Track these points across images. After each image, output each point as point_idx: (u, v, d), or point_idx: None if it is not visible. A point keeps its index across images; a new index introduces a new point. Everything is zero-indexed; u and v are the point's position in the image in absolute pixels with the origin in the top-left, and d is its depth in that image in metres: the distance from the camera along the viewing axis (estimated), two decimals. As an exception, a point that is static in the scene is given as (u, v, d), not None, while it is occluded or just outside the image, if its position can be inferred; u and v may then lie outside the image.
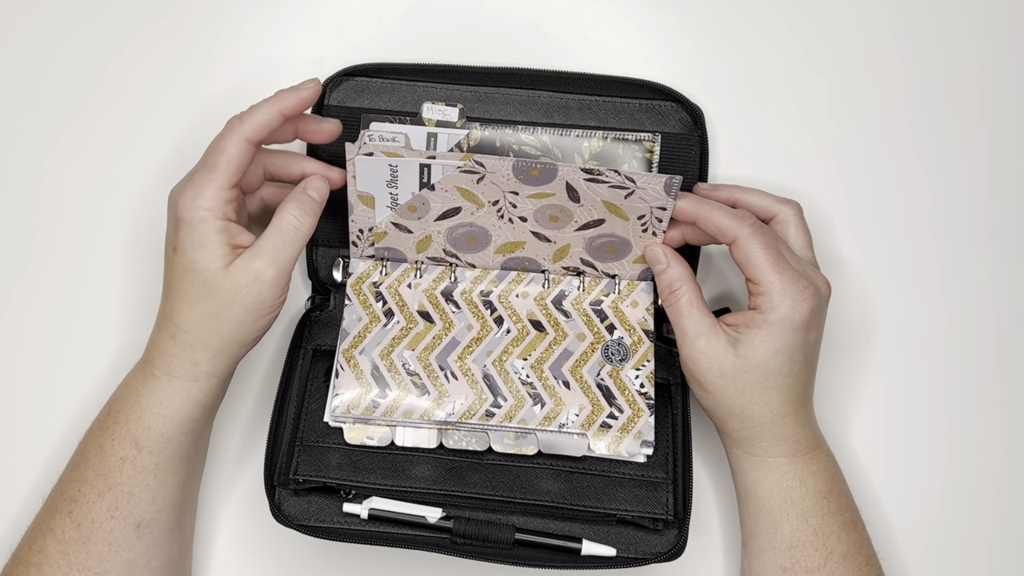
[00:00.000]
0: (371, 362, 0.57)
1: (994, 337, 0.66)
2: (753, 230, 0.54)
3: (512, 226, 0.58)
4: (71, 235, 0.66)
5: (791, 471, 0.56)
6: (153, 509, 0.55)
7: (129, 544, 0.54)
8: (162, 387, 0.55)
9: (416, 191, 0.56)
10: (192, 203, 0.52)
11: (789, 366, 0.54)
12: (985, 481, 0.65)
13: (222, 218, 0.53)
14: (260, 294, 0.53)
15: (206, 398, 0.56)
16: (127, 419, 0.55)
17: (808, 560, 0.55)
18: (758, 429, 0.55)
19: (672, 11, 0.67)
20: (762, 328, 0.53)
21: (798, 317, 0.53)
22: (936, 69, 0.67)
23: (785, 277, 0.53)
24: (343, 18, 0.66)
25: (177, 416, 0.55)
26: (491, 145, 0.59)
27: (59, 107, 0.66)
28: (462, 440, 0.57)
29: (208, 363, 0.55)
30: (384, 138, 0.57)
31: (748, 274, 0.54)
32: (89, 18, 0.67)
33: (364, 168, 0.54)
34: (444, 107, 0.57)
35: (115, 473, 0.54)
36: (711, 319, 0.55)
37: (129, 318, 0.65)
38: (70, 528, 0.54)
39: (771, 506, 0.56)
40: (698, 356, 0.55)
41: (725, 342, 0.54)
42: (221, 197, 0.52)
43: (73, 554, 0.54)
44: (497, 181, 0.54)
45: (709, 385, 0.55)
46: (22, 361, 0.65)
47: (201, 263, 0.52)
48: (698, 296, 0.56)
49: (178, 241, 0.53)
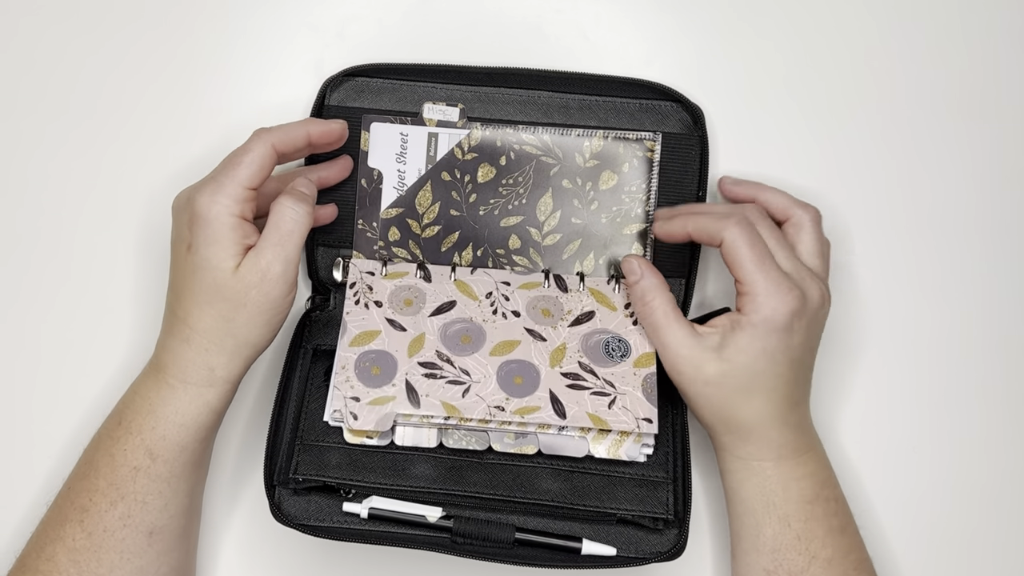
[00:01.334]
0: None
1: (994, 335, 0.66)
2: (740, 229, 0.54)
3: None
4: (75, 239, 0.66)
5: (774, 475, 0.56)
6: (165, 516, 0.55)
7: (141, 551, 0.54)
8: (177, 396, 0.54)
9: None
10: (211, 199, 0.52)
11: (773, 368, 0.54)
12: (986, 481, 0.65)
13: (238, 216, 0.53)
14: (269, 293, 0.53)
15: (220, 404, 0.56)
16: (140, 429, 0.54)
17: (791, 564, 0.55)
18: (743, 433, 0.55)
19: (672, 11, 0.67)
20: (746, 329, 0.53)
21: (780, 318, 0.53)
22: (936, 68, 0.67)
23: (769, 277, 0.53)
24: (343, 18, 0.66)
25: (193, 425, 0.55)
26: (492, 144, 0.59)
27: (63, 111, 0.66)
28: (462, 440, 0.57)
29: (224, 367, 0.54)
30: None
31: (734, 274, 0.54)
32: (91, 20, 0.67)
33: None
34: (445, 107, 0.58)
35: (128, 483, 0.54)
36: (689, 327, 0.55)
37: (134, 324, 0.65)
38: (81, 537, 0.54)
39: (753, 509, 0.56)
40: (682, 366, 0.54)
41: (707, 347, 0.54)
42: (240, 195, 0.53)
43: (84, 562, 0.53)
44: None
45: (695, 394, 0.55)
46: (26, 366, 0.65)
47: (213, 260, 0.52)
48: (673, 306, 0.56)
49: (192, 238, 0.53)
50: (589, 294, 0.60)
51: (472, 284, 0.60)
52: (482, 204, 0.58)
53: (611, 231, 0.59)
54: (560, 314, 0.59)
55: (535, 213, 0.59)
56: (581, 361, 0.58)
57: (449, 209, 0.58)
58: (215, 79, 0.66)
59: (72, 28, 0.67)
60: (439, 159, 0.58)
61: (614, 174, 0.57)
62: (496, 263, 0.61)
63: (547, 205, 0.58)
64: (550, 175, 0.57)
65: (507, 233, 0.59)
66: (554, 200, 0.58)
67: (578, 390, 0.57)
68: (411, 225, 0.59)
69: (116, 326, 0.65)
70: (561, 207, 0.58)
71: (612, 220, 0.58)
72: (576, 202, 0.58)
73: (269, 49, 0.66)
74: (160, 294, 0.57)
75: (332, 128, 0.57)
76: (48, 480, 0.62)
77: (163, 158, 0.66)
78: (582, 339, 0.58)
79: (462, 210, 0.58)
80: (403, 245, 0.60)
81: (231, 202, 0.52)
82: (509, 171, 0.58)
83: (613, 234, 0.59)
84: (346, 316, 0.58)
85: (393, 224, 0.59)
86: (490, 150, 0.57)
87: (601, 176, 0.57)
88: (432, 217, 0.59)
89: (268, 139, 0.54)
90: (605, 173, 0.57)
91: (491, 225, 0.59)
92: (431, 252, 0.61)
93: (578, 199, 0.58)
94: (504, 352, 0.58)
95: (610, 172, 0.57)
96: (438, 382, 0.56)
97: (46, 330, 0.65)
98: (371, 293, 0.59)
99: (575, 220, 0.58)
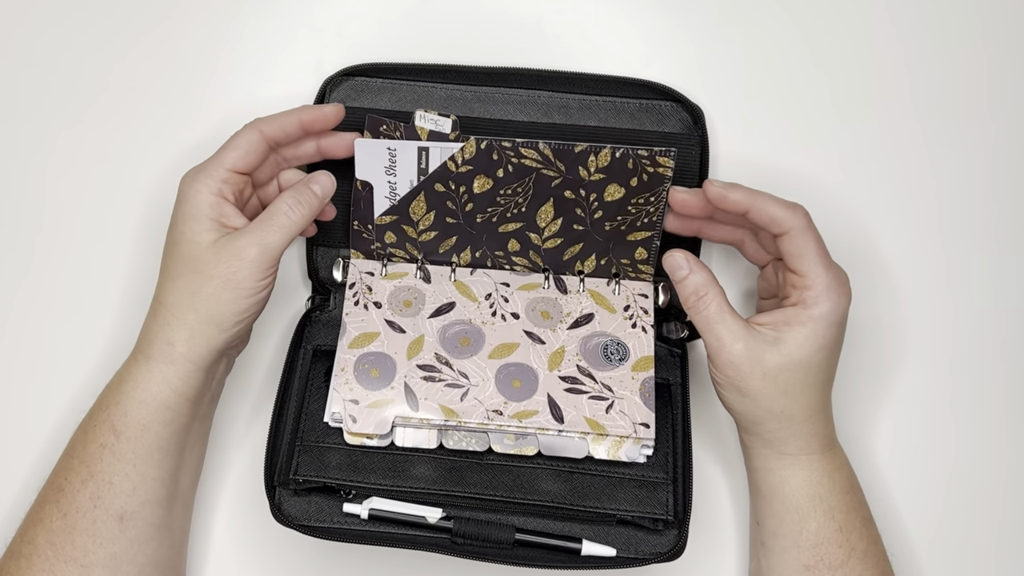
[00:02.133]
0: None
1: (998, 334, 0.66)
2: (807, 222, 0.54)
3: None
4: (74, 236, 0.66)
5: (820, 467, 0.56)
6: (135, 502, 0.55)
7: (113, 537, 0.54)
8: (140, 370, 0.55)
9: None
10: (192, 178, 0.54)
11: (828, 361, 0.54)
12: (990, 481, 0.65)
13: (216, 194, 0.54)
14: (238, 271, 0.53)
15: (183, 385, 0.55)
16: (107, 404, 0.55)
17: (832, 557, 0.55)
18: (795, 427, 0.55)
19: (672, 11, 0.66)
20: (806, 324, 0.53)
21: (840, 312, 0.54)
22: (938, 68, 0.67)
23: (831, 273, 0.54)
24: (343, 18, 0.66)
25: (152, 402, 0.54)
26: (487, 157, 0.56)
27: (61, 110, 0.66)
28: (462, 440, 0.57)
29: (184, 343, 0.54)
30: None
31: (796, 266, 0.54)
32: (91, 20, 0.66)
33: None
34: (437, 117, 0.55)
35: (96, 460, 0.54)
36: (743, 321, 0.54)
37: (124, 313, 0.65)
38: (57, 517, 0.54)
39: (798, 504, 0.56)
40: (739, 361, 0.53)
41: (765, 342, 0.53)
42: (221, 176, 0.54)
43: (59, 544, 0.54)
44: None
45: (749, 389, 0.54)
46: (19, 357, 0.65)
47: (188, 233, 0.53)
48: (725, 300, 0.55)
49: (173, 215, 0.54)
50: (589, 296, 0.60)
51: (471, 285, 0.60)
52: (479, 212, 0.58)
53: (615, 237, 0.58)
54: (559, 316, 0.59)
55: (535, 220, 0.58)
56: (579, 364, 0.58)
57: (445, 217, 0.58)
58: (215, 79, 0.66)
59: (72, 28, 0.67)
60: (431, 172, 0.57)
61: (621, 187, 0.56)
62: (495, 264, 0.61)
63: (548, 213, 0.57)
64: (551, 186, 0.56)
65: (506, 238, 0.59)
66: (555, 209, 0.57)
67: (576, 394, 0.57)
68: (407, 231, 0.59)
69: (109, 315, 0.65)
70: (563, 215, 0.57)
71: (616, 228, 0.58)
72: (579, 211, 0.57)
73: (269, 48, 0.66)
74: (153, 287, 0.57)
75: (325, 112, 0.56)
76: (40, 467, 0.63)
77: (163, 157, 0.66)
78: (581, 342, 0.58)
79: (458, 218, 0.58)
80: (400, 247, 0.60)
81: (211, 181, 0.54)
82: (507, 182, 0.56)
83: (617, 240, 0.58)
84: (345, 317, 0.58)
85: (388, 229, 0.59)
86: (486, 163, 0.55)
87: (607, 189, 0.56)
88: (428, 224, 0.58)
89: (257, 125, 0.55)
90: (612, 186, 0.56)
91: (489, 231, 0.59)
92: (429, 253, 0.61)
93: (581, 208, 0.57)
94: (503, 355, 0.58)
95: (617, 185, 0.56)
96: (437, 385, 0.56)
97: (38, 320, 0.65)
98: (370, 294, 0.59)
99: (577, 227, 0.58)
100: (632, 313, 0.59)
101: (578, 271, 0.60)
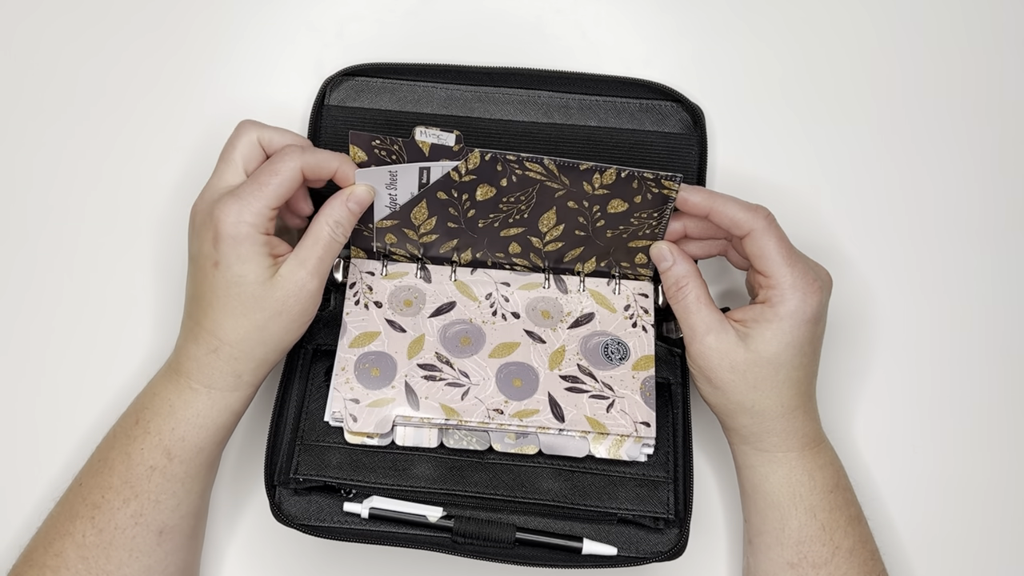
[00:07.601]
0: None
1: (996, 334, 0.66)
2: (768, 222, 0.54)
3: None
4: (79, 238, 0.66)
5: (800, 465, 0.56)
6: (176, 516, 0.55)
7: (150, 550, 0.54)
8: (200, 399, 0.55)
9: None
10: (237, 218, 0.52)
11: (799, 359, 0.54)
12: (986, 479, 0.65)
13: (264, 232, 0.53)
14: (305, 303, 0.54)
15: (241, 407, 0.56)
16: (159, 430, 0.54)
17: (815, 555, 0.55)
18: (769, 423, 0.55)
19: (672, 11, 0.67)
20: (772, 322, 0.54)
21: (808, 310, 0.54)
22: (936, 67, 0.67)
23: (796, 271, 0.54)
24: (343, 18, 0.66)
25: (212, 426, 0.55)
26: (491, 168, 0.55)
27: (60, 112, 0.66)
28: (463, 440, 0.57)
29: (251, 373, 0.55)
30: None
31: (760, 267, 0.54)
32: (90, 20, 0.67)
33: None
34: (439, 132, 0.53)
35: (143, 481, 0.54)
36: (719, 314, 0.55)
37: (141, 323, 0.65)
38: (91, 533, 0.54)
39: (779, 501, 0.56)
40: (708, 352, 0.55)
41: (735, 337, 0.54)
42: (265, 215, 0.53)
43: (92, 559, 0.54)
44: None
45: (719, 381, 0.55)
46: (31, 364, 0.65)
47: (249, 276, 0.53)
48: (705, 292, 0.56)
49: (219, 256, 0.53)
50: (589, 295, 0.60)
51: (472, 285, 0.60)
52: (481, 218, 0.57)
53: (616, 243, 0.58)
54: (560, 316, 0.59)
55: (537, 225, 0.58)
56: (580, 364, 0.58)
57: (447, 222, 0.58)
58: (215, 78, 0.66)
59: (72, 28, 0.67)
60: (433, 182, 0.56)
61: (624, 202, 0.56)
62: (496, 264, 0.61)
63: (550, 220, 0.57)
64: (554, 196, 0.56)
65: (507, 241, 0.59)
66: (557, 216, 0.57)
67: (577, 393, 0.57)
68: (408, 233, 0.59)
69: (122, 325, 0.65)
70: (565, 221, 0.57)
71: (618, 236, 0.58)
72: (581, 219, 0.57)
73: (269, 49, 0.66)
74: (166, 293, 0.57)
75: (357, 189, 0.55)
76: (56, 476, 0.63)
77: (163, 157, 0.66)
78: (581, 341, 0.58)
79: (460, 223, 0.58)
80: (400, 247, 0.60)
81: (257, 222, 0.53)
82: (510, 191, 0.55)
83: (618, 246, 0.58)
84: (346, 316, 0.58)
85: (389, 231, 0.59)
86: (489, 173, 0.55)
87: (611, 203, 0.56)
88: (429, 228, 0.58)
89: (299, 161, 0.53)
90: (615, 201, 0.56)
91: (491, 235, 0.59)
92: (430, 253, 0.61)
93: (583, 217, 0.57)
94: (503, 354, 0.58)
95: (620, 200, 0.56)
96: (437, 384, 0.56)
97: (50, 328, 0.65)
98: (371, 293, 0.59)
99: (579, 232, 0.58)
100: (632, 313, 0.59)
101: (578, 271, 0.60)
